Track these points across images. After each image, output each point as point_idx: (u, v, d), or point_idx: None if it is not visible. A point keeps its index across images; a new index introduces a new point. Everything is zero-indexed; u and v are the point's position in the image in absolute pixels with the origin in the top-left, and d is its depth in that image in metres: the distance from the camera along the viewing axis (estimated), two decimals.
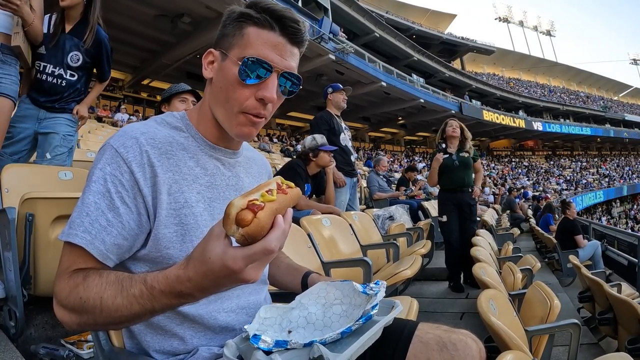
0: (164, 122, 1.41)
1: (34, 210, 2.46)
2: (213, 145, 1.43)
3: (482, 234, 5.79)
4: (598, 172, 55.73)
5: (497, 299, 2.48)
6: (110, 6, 18.92)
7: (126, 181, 1.22)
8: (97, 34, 3.81)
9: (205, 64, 1.40)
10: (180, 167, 1.32)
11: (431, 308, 4.86)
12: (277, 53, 1.29)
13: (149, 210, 1.25)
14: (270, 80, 1.29)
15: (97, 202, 1.20)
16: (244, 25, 1.31)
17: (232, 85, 1.30)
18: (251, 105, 1.30)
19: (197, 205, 1.32)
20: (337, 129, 5.91)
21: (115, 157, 1.23)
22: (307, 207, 4.55)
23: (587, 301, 5.08)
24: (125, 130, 1.30)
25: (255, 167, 1.65)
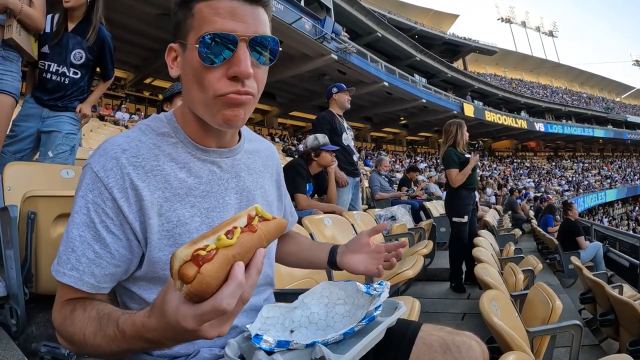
0: (149, 129, 1.28)
1: (36, 209, 2.44)
2: (205, 148, 1.29)
3: (484, 235, 5.78)
4: (600, 173, 55.65)
5: (499, 299, 2.47)
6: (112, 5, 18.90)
7: (110, 209, 1.14)
8: (100, 32, 3.80)
9: (169, 62, 1.27)
10: (170, 183, 1.21)
11: (432, 308, 4.85)
12: (236, 20, 1.13)
13: (138, 236, 1.18)
14: (239, 53, 1.13)
15: (82, 234, 1.13)
16: (191, 4, 1.17)
17: (198, 74, 1.15)
18: (224, 86, 1.14)
19: (192, 221, 1.22)
20: (339, 128, 5.89)
21: (96, 182, 1.15)
22: (308, 207, 4.55)
23: (588, 302, 5.07)
24: (106, 148, 1.19)
25: (259, 160, 1.49)
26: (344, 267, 1.60)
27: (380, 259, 1.55)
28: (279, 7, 22.06)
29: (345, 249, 1.62)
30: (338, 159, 5.41)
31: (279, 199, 1.63)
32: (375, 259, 1.55)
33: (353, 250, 1.59)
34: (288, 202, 1.76)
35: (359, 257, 1.58)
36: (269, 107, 37.02)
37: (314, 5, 28.71)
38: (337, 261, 1.62)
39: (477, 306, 4.63)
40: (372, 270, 1.54)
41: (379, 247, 1.56)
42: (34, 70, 3.79)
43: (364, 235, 1.59)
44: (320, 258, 1.67)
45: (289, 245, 1.79)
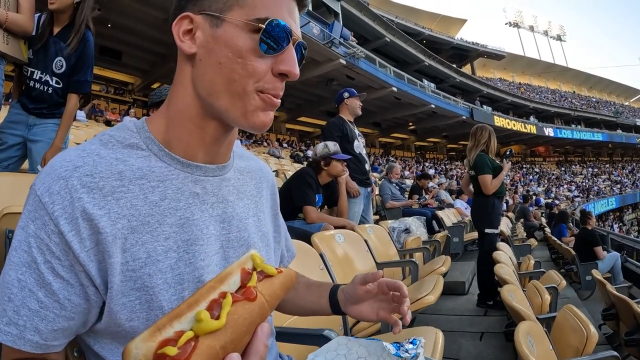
0: (112, 141, 0.99)
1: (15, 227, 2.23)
2: (187, 162, 1.02)
3: (502, 248, 5.55)
4: (610, 178, 55.43)
5: (534, 333, 2.29)
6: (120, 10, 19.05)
7: (55, 245, 0.86)
8: (85, 39, 3.53)
9: (179, 34, 1.01)
10: (137, 208, 0.92)
11: (449, 327, 4.65)
12: (291, 16, 1.01)
13: (95, 281, 0.89)
14: (291, 52, 0.99)
15: (20, 278, 0.85)
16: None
17: (242, 58, 0.95)
18: (270, 82, 0.98)
19: (166, 257, 0.93)
20: (350, 135, 5.67)
21: (39, 209, 0.87)
22: (319, 220, 4.33)
23: (611, 319, 4.85)
24: (54, 165, 0.91)
25: (251, 182, 1.23)
26: (353, 317, 1.32)
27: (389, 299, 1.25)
28: None
29: (345, 299, 1.33)
30: (349, 168, 5.20)
31: (276, 229, 1.35)
32: (384, 300, 1.26)
33: (355, 301, 1.30)
34: (285, 232, 1.46)
35: (366, 304, 1.28)
36: (276, 113, 35.76)
37: (321, 10, 28.81)
38: (342, 309, 1.33)
39: (495, 324, 4.48)
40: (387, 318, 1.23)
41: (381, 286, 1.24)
42: (20, 75, 3.55)
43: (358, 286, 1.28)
44: (321, 305, 1.38)
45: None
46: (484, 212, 5.46)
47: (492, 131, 5.58)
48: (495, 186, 5.21)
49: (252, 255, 0.79)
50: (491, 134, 5.53)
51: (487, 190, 5.30)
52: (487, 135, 5.51)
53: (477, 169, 5.35)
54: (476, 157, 5.40)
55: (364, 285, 1.26)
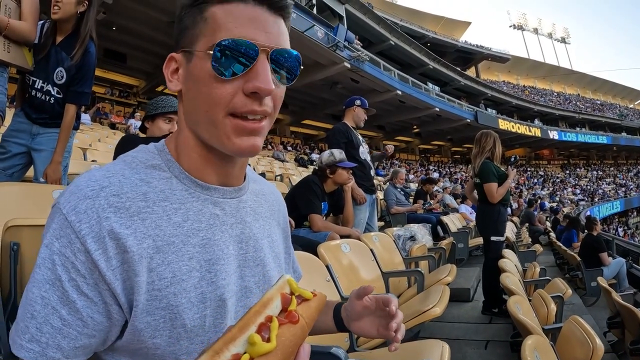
0: (136, 162, 1.01)
1: (20, 239, 2.20)
2: (205, 184, 1.04)
3: (508, 255, 5.54)
4: (615, 181, 55.28)
5: (541, 347, 2.28)
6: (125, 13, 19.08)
7: (81, 264, 0.85)
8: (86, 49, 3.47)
9: (168, 75, 1.06)
10: (162, 228, 0.94)
11: (454, 334, 4.64)
12: (258, 28, 0.96)
13: (120, 299, 0.89)
14: (259, 65, 0.94)
15: (44, 295, 0.85)
16: (203, 7, 0.98)
17: (206, 86, 0.96)
18: (240, 103, 0.94)
19: (189, 278, 0.95)
20: (355, 141, 5.66)
21: (65, 227, 0.87)
22: (325, 229, 4.34)
23: (616, 327, 4.85)
24: (79, 185, 0.92)
25: (265, 204, 1.25)
26: (356, 333, 1.34)
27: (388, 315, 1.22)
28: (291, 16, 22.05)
29: (346, 316, 1.33)
30: (355, 174, 5.20)
31: (287, 251, 1.36)
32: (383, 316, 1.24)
33: (354, 318, 1.30)
34: (294, 256, 1.47)
35: (365, 321, 1.28)
36: (281, 116, 36.93)
37: (326, 13, 28.84)
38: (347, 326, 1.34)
39: (500, 332, 4.48)
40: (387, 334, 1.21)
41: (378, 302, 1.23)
42: (23, 83, 3.51)
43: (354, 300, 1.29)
44: (327, 324, 1.39)
45: None
46: (490, 219, 5.40)
47: (496, 137, 5.52)
48: (501, 194, 5.16)
49: (288, 280, 0.83)
50: (496, 140, 5.47)
51: (492, 199, 5.25)
52: (492, 141, 5.46)
53: (483, 177, 5.30)
54: (481, 164, 5.34)
55: (359, 300, 1.26)
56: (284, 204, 1.40)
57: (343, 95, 28.77)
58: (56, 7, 3.29)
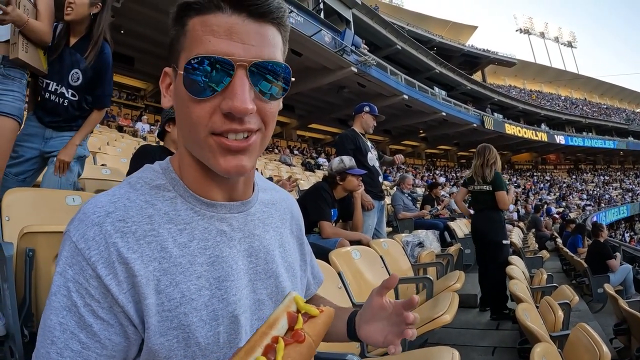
0: (141, 183, 1.01)
1: (35, 245, 2.27)
2: (211, 202, 1.03)
3: (515, 262, 5.58)
4: (621, 186, 55.03)
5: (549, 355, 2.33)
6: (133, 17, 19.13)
7: (94, 289, 0.87)
8: (101, 51, 3.48)
9: (163, 90, 1.05)
10: (168, 251, 0.94)
11: (461, 340, 4.68)
12: (234, 40, 0.89)
13: (134, 320, 0.90)
14: (235, 82, 0.88)
15: (62, 322, 0.87)
16: (185, 20, 0.93)
17: (186, 106, 0.93)
18: (218, 122, 0.90)
19: (199, 296, 0.95)
20: (363, 148, 5.70)
21: (76, 255, 0.88)
22: (334, 235, 4.38)
23: (622, 334, 4.88)
24: (86, 212, 0.93)
25: (276, 213, 1.22)
26: (363, 339, 1.25)
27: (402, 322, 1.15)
28: (298, 20, 22.09)
29: (360, 319, 1.26)
30: (364, 181, 5.24)
31: (302, 258, 1.32)
32: (396, 324, 1.16)
33: (367, 319, 1.23)
34: (311, 259, 1.44)
35: (376, 326, 1.20)
36: (287, 119, 37.02)
37: (333, 18, 28.82)
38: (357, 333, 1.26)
39: (507, 339, 4.51)
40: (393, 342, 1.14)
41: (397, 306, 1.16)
42: (36, 86, 3.50)
43: (374, 297, 1.21)
44: (340, 331, 1.32)
45: None
46: (499, 225, 5.84)
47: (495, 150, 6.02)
48: (510, 201, 5.46)
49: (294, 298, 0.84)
50: (496, 153, 5.97)
51: (504, 205, 5.74)
52: (495, 154, 5.94)
53: (496, 186, 5.73)
54: (495, 174, 5.77)
55: (380, 296, 1.19)
56: (298, 211, 1.38)
57: (350, 99, 28.78)
58: (69, 8, 3.30)
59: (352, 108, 6.21)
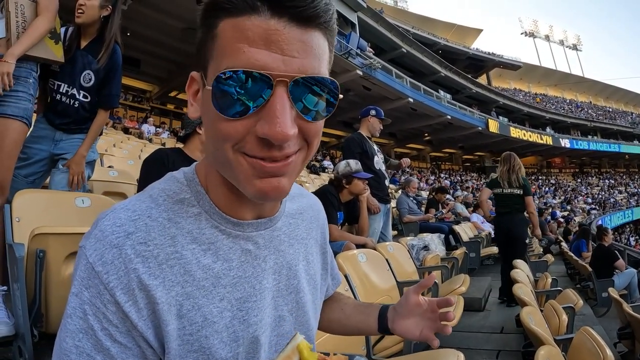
0: (163, 197, 0.93)
1: (45, 247, 2.31)
2: (238, 221, 0.95)
3: (519, 266, 5.61)
4: (627, 190, 54.84)
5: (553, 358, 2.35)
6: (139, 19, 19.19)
7: (112, 314, 0.82)
8: (113, 52, 3.51)
9: (190, 97, 0.93)
10: (192, 274, 0.88)
11: (465, 344, 4.69)
12: (273, 49, 0.75)
13: (152, 345, 0.86)
14: (274, 102, 0.76)
15: (78, 345, 0.82)
16: (213, 21, 0.81)
17: (214, 121, 0.81)
18: (252, 147, 0.79)
19: (221, 319, 0.91)
20: (370, 152, 5.72)
21: (93, 277, 0.83)
22: (341, 239, 4.42)
23: (627, 338, 4.89)
24: (104, 230, 0.86)
25: (302, 224, 1.15)
26: (397, 333, 1.27)
27: (436, 318, 1.21)
28: None
29: (395, 314, 1.28)
30: (370, 185, 5.27)
31: (324, 267, 1.30)
32: (431, 319, 1.21)
33: (404, 314, 1.25)
34: (333, 263, 1.39)
35: (413, 320, 1.24)
36: None
37: (339, 21, 28.71)
38: (390, 327, 1.28)
39: (512, 342, 4.53)
40: (429, 336, 1.21)
41: (431, 304, 1.21)
42: (45, 88, 3.46)
43: (411, 294, 1.24)
44: (369, 324, 1.32)
45: (332, 311, 1.43)
46: (525, 225, 6.69)
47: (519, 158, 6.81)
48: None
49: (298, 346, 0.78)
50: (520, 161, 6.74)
51: (532, 208, 6.56)
52: (519, 162, 6.67)
53: (527, 191, 6.48)
54: (525, 180, 6.52)
55: (416, 294, 1.23)
56: (324, 216, 1.33)
57: (355, 102, 28.73)
58: (80, 10, 3.32)
59: (357, 111, 6.24)
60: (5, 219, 2.73)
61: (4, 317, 2.54)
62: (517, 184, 6.43)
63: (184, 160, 3.25)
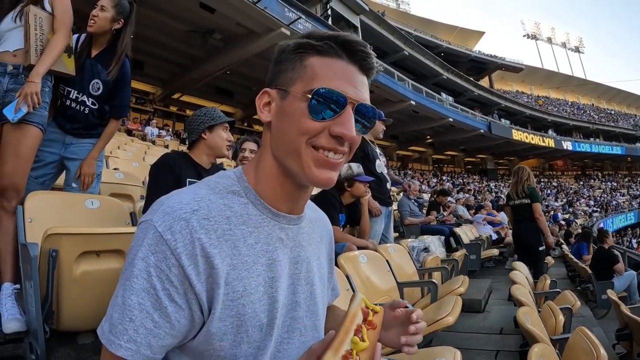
0: (219, 187, 1.18)
1: (58, 246, 2.39)
2: (276, 212, 1.21)
3: (518, 267, 5.67)
4: (629, 192, 54.71)
5: (547, 356, 2.40)
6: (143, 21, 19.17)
7: (175, 276, 1.02)
8: (122, 64, 3.63)
9: (260, 106, 1.22)
10: (239, 249, 1.11)
11: (465, 344, 4.72)
12: (349, 82, 1.13)
13: (203, 306, 1.06)
14: (346, 114, 1.11)
15: (141, 302, 1.01)
16: (304, 56, 1.15)
17: (297, 122, 1.11)
18: (325, 141, 1.12)
19: (256, 291, 1.12)
20: (372, 155, 5.74)
21: (160, 244, 1.02)
22: (342, 240, 4.47)
23: (625, 339, 4.94)
24: (172, 207, 1.07)
25: (317, 230, 1.41)
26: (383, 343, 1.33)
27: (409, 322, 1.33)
28: (306, 26, 22.25)
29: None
30: (371, 188, 5.32)
31: (330, 271, 1.53)
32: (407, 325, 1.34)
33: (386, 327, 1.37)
34: (334, 275, 1.64)
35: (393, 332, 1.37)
36: None
37: (341, 24, 28.90)
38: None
39: (511, 343, 4.60)
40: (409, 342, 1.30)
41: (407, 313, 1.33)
42: (55, 93, 3.50)
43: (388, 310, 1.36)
44: None
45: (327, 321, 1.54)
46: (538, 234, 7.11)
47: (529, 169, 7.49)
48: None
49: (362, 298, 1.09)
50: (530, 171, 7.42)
51: (540, 214, 7.06)
52: (527, 172, 7.33)
53: (535, 198, 7.07)
54: (529, 188, 7.14)
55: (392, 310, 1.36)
56: (332, 231, 1.56)
57: None
58: (92, 21, 3.47)
59: None
60: (18, 219, 2.82)
61: (17, 314, 2.63)
62: (523, 194, 7.06)
63: (190, 164, 3.35)
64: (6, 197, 2.93)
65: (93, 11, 3.47)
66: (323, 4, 27.62)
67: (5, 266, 2.87)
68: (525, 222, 7.16)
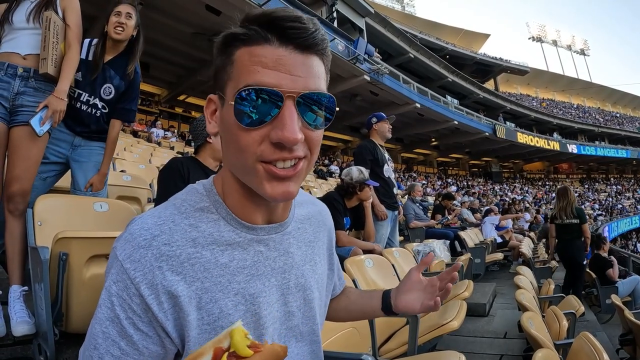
0: (185, 205, 1.07)
1: (68, 250, 2.41)
2: (252, 225, 1.09)
3: (523, 272, 5.69)
4: (634, 196, 54.49)
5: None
6: (148, 24, 19.19)
7: (137, 306, 0.96)
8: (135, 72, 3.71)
9: (208, 116, 1.09)
10: (210, 271, 1.01)
11: (468, 348, 4.75)
12: (282, 71, 0.93)
13: (171, 335, 0.98)
14: (284, 113, 0.93)
15: (105, 331, 0.96)
16: (231, 50, 0.98)
17: (234, 134, 0.96)
18: (268, 151, 0.95)
19: (235, 311, 1.03)
20: (380, 159, 5.80)
21: (121, 273, 0.96)
22: (349, 244, 4.51)
23: (628, 344, 4.94)
24: (133, 233, 0.99)
25: (310, 228, 1.28)
26: (400, 310, 1.41)
27: (435, 292, 1.36)
28: None
29: (397, 292, 1.43)
30: (378, 191, 5.35)
31: (330, 267, 1.44)
32: (430, 293, 1.36)
33: (405, 290, 1.40)
34: (337, 265, 1.55)
35: (413, 295, 1.38)
36: None
37: (346, 26, 28.85)
38: (392, 305, 1.42)
39: (514, 347, 4.61)
40: (429, 305, 1.35)
41: (432, 280, 1.37)
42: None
43: (413, 272, 1.41)
44: (373, 306, 1.48)
45: (339, 301, 1.58)
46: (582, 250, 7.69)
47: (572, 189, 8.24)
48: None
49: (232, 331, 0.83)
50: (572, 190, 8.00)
51: (587, 234, 7.70)
52: (573, 193, 7.91)
53: (584, 219, 7.66)
54: (579, 210, 7.74)
55: (418, 272, 1.40)
56: (331, 222, 1.47)
57: (362, 107, 28.79)
58: (120, 28, 3.51)
59: (364, 116, 6.32)
60: (28, 223, 2.86)
61: (25, 316, 2.67)
62: (572, 215, 7.64)
63: (198, 168, 3.38)
64: (14, 201, 2.95)
65: (120, 19, 3.52)
66: (328, 7, 27.59)
67: (13, 268, 2.91)
68: (574, 240, 7.66)
